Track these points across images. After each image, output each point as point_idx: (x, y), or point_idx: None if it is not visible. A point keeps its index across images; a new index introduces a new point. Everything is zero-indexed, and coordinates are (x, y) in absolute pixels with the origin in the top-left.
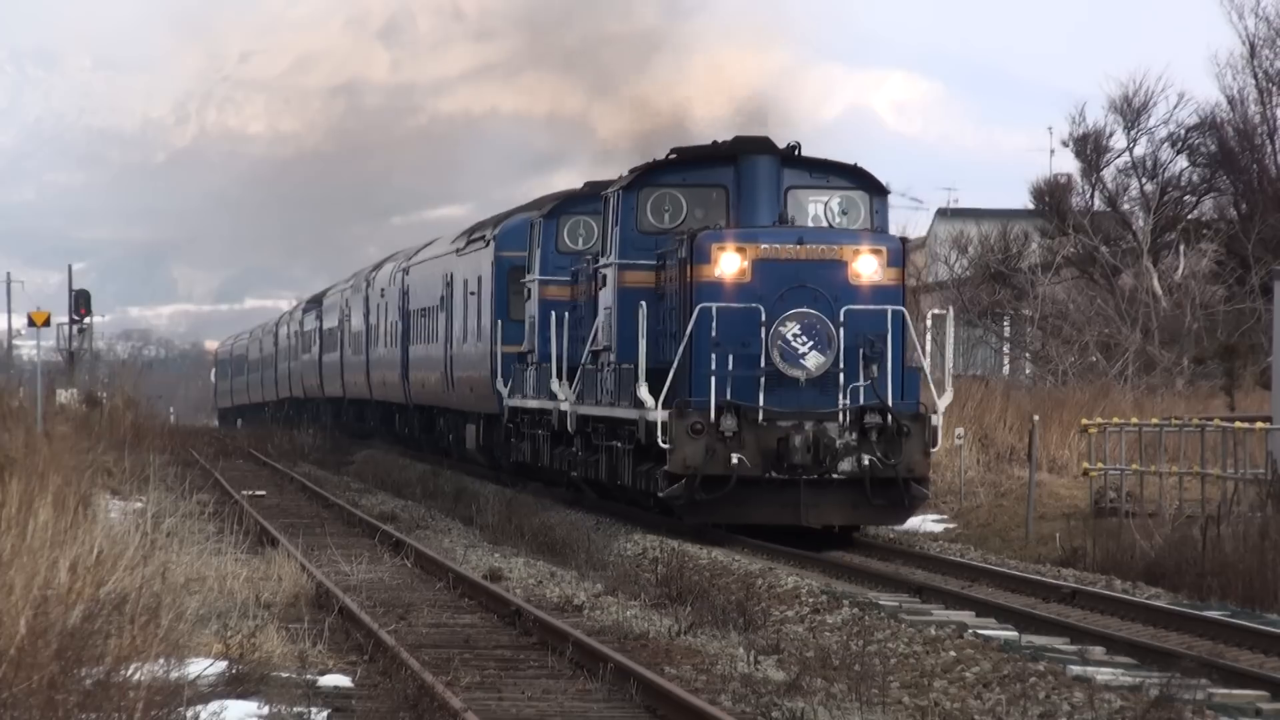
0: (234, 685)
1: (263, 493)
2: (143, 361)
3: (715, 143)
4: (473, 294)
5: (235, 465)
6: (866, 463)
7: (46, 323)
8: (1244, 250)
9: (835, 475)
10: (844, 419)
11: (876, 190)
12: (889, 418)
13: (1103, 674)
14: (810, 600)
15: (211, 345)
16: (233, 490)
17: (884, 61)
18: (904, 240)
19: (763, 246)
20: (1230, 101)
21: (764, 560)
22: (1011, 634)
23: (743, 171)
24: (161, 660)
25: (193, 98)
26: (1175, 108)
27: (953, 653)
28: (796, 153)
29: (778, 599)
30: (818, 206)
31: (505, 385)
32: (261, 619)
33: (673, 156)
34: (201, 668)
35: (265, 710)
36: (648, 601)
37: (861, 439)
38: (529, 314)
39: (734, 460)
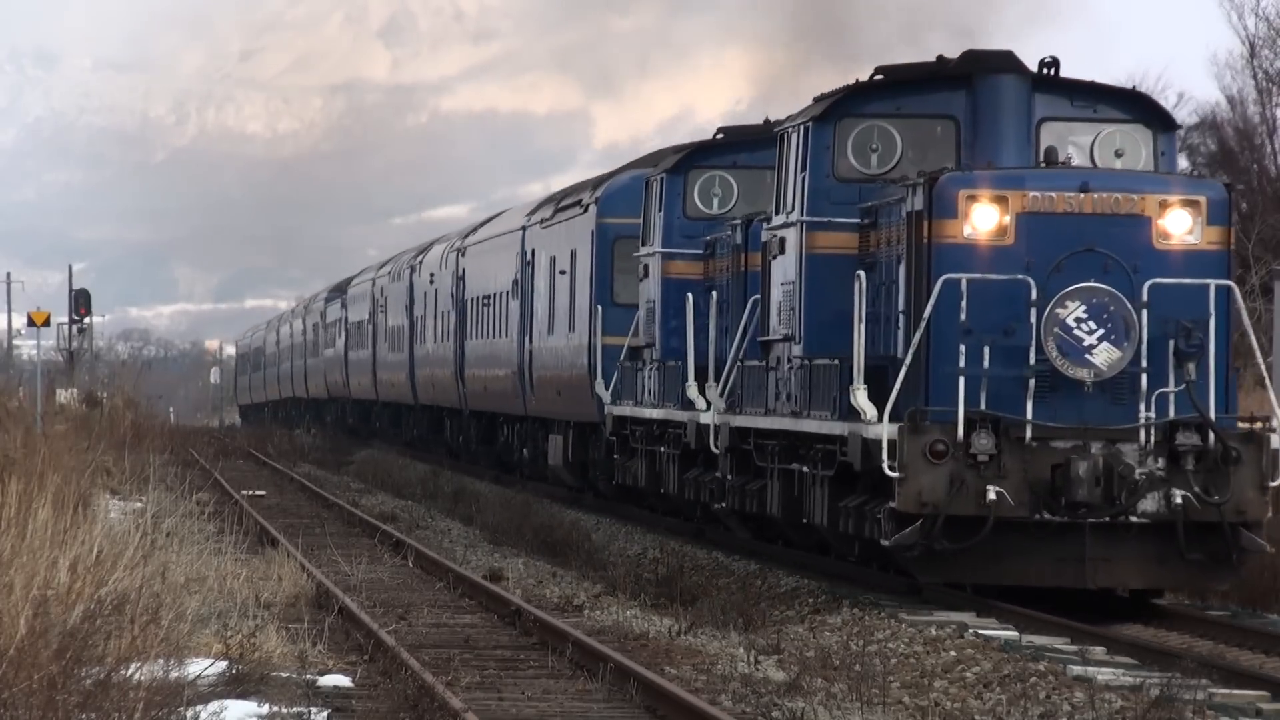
0: (234, 685)
1: (263, 493)
2: (142, 361)
3: (940, 58)
4: (562, 273)
5: (235, 465)
6: (1179, 501)
7: (46, 323)
8: (1244, 250)
9: (1134, 518)
10: (1147, 439)
11: (1163, 124)
12: (1212, 438)
13: (1103, 674)
14: (810, 600)
15: (211, 345)
16: (232, 490)
17: (884, 59)
18: (1229, 187)
19: (1031, 195)
20: (1230, 101)
21: (764, 560)
22: (1012, 634)
23: (980, 97)
24: (161, 660)
25: (192, 97)
26: (1174, 107)
27: (953, 653)
28: (1052, 73)
29: (778, 599)
30: (1082, 145)
31: (608, 388)
32: (261, 619)
33: (878, 79)
34: (201, 668)
35: (265, 710)
36: (648, 601)
37: (1172, 467)
38: (645, 297)
39: (990, 495)
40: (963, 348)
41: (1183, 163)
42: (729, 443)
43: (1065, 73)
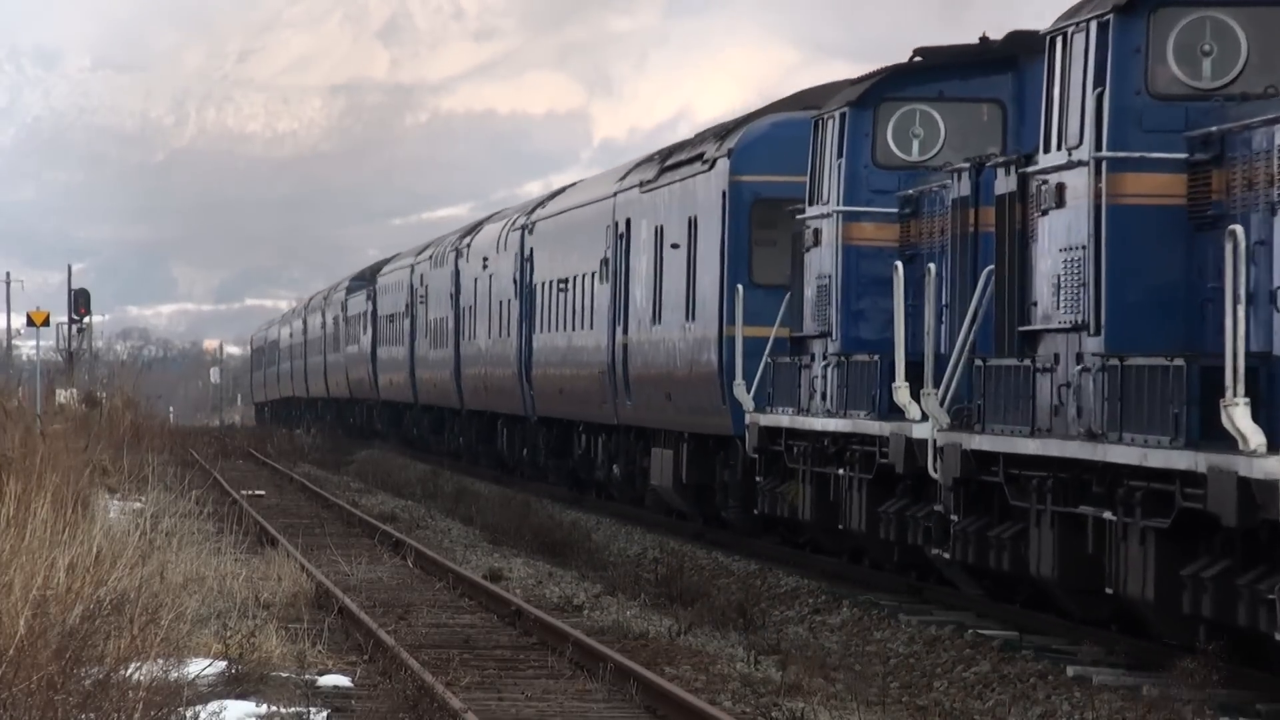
0: (233, 685)
1: (262, 493)
2: (142, 361)
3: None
4: (674, 248)
5: (235, 465)
6: None
7: (46, 322)
8: None
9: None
10: None
11: None
12: None
13: (1103, 674)
14: (810, 600)
15: (211, 345)
16: (232, 490)
17: (887, 59)
18: None
19: None
20: None
21: (764, 561)
22: (1012, 634)
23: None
24: (161, 660)
25: (192, 97)
26: None
27: (953, 653)
28: None
29: (778, 599)
30: None
31: (749, 390)
32: (261, 619)
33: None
34: (201, 668)
35: (264, 710)
36: (648, 601)
37: None
38: (813, 273)
39: None
40: None
41: None
42: (960, 471)
43: None
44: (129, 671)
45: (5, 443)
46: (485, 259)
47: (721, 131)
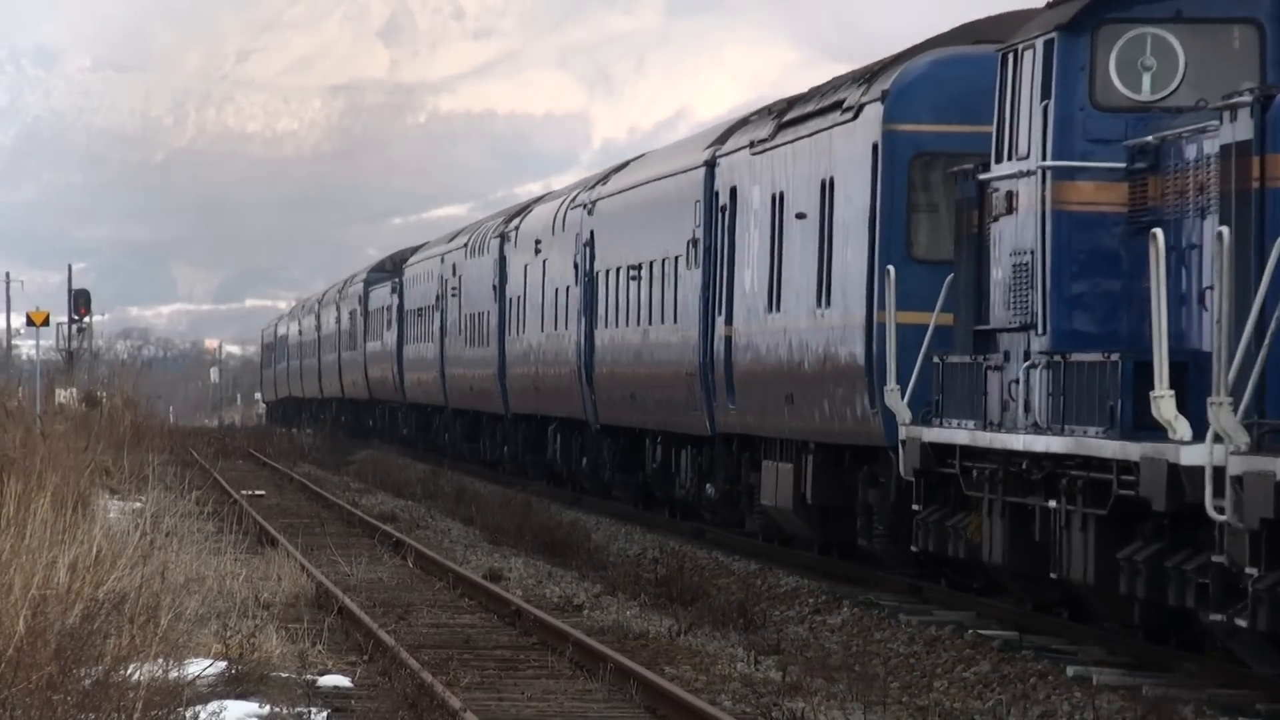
0: (233, 685)
1: (262, 493)
2: (142, 361)
3: None
4: (801, 218)
5: (235, 465)
6: None
7: (46, 322)
8: None
9: None
10: None
11: None
12: None
13: (1103, 675)
14: (810, 600)
15: (211, 344)
16: (232, 490)
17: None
18: None
19: None
20: None
21: (764, 560)
22: (1012, 634)
23: None
24: (160, 660)
25: (191, 97)
26: None
27: (953, 653)
28: None
29: (778, 599)
30: None
31: (904, 395)
32: (261, 619)
33: None
34: (201, 668)
35: (265, 710)
36: (648, 601)
37: None
38: (1006, 247)
39: None
40: None
41: None
42: (1274, 512)
43: None
44: (129, 671)
45: (5, 442)
46: (537, 243)
47: (864, 75)
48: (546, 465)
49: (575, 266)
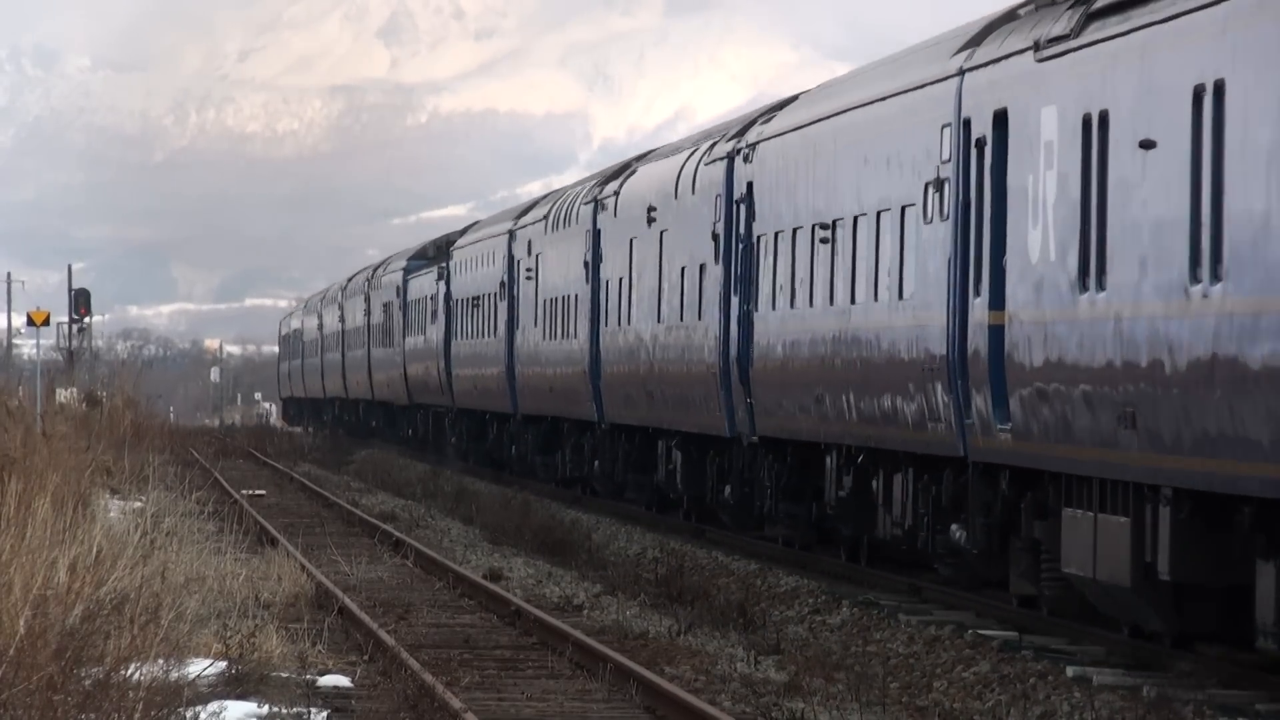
0: (233, 685)
1: (262, 492)
2: (142, 361)
3: None
4: (1147, 146)
5: (235, 465)
6: None
7: (46, 322)
8: None
9: None
10: None
11: None
12: None
13: (1102, 675)
14: (810, 600)
15: (211, 344)
16: (232, 490)
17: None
18: None
19: None
20: None
21: (763, 560)
22: (1011, 635)
23: None
24: (161, 660)
25: (191, 97)
26: None
27: (953, 653)
28: None
29: (778, 599)
30: None
31: None
32: (261, 619)
33: None
34: (201, 668)
35: (265, 710)
36: (648, 601)
37: None
38: None
39: None
40: None
41: None
42: None
43: None
44: (129, 672)
45: (6, 442)
46: (650, 210)
47: None
48: (656, 488)
49: (717, 236)
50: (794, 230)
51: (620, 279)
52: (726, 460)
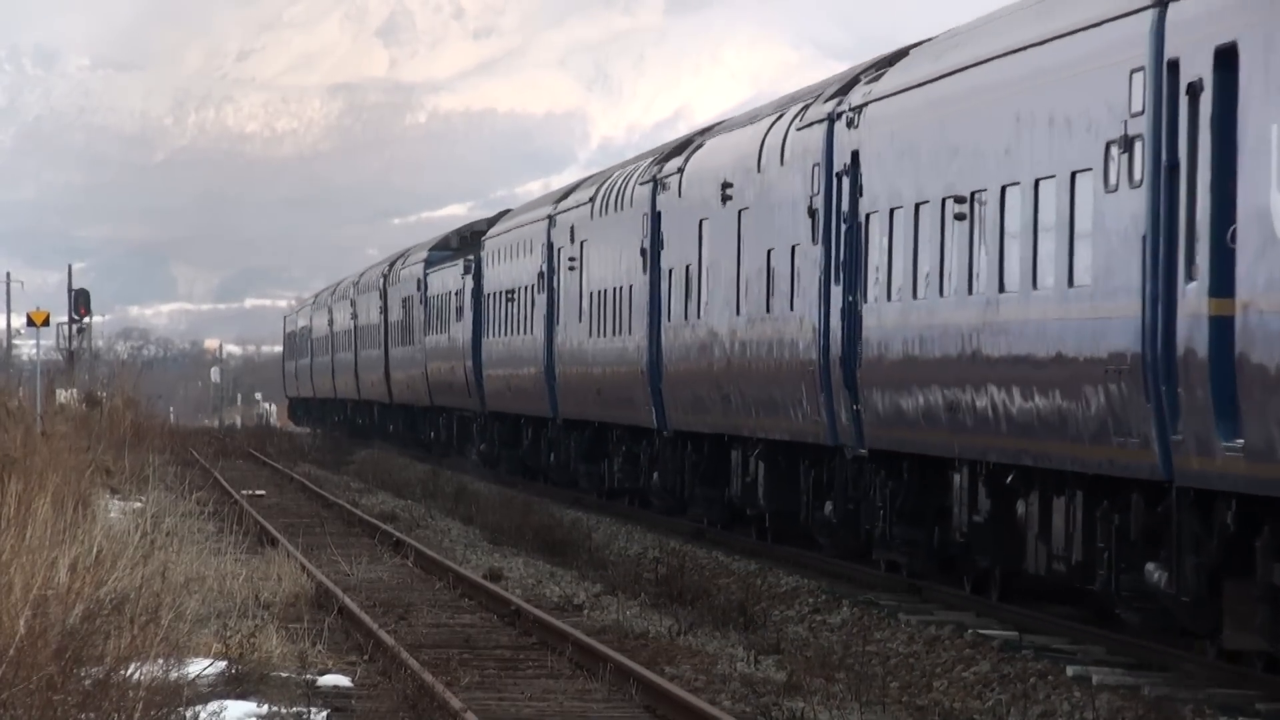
0: (233, 685)
1: (262, 492)
2: (142, 361)
3: None
4: None
5: (235, 465)
6: None
7: (46, 322)
8: None
9: None
10: None
11: None
12: None
13: (1102, 674)
14: (810, 600)
15: (211, 344)
16: (232, 490)
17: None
18: None
19: None
20: None
21: (763, 560)
22: (1012, 634)
23: None
24: (161, 660)
25: (191, 96)
26: None
27: (953, 652)
28: None
29: (778, 599)
30: None
31: None
32: (261, 619)
33: None
34: (201, 668)
35: (264, 710)
36: (648, 601)
37: None
38: None
39: None
40: None
41: None
42: None
43: None
44: (129, 671)
45: (6, 442)
46: (727, 187)
47: None
48: (728, 504)
49: (814, 213)
50: (916, 206)
51: (687, 266)
52: (823, 472)
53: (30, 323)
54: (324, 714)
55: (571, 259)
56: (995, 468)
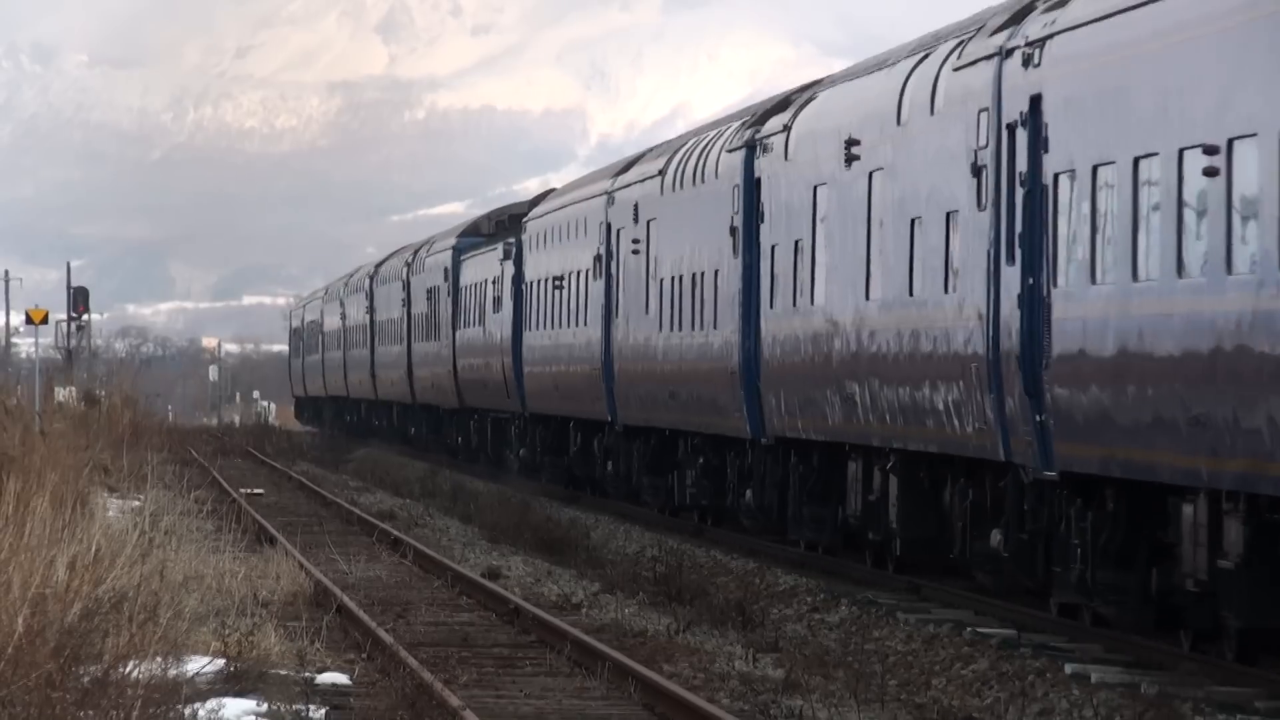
0: (232, 683)
1: (261, 491)
2: (140, 359)
3: None
4: None
5: (233, 464)
6: None
7: (44, 320)
8: None
9: None
10: None
11: None
12: None
13: (1101, 672)
14: (809, 598)
15: (209, 342)
16: (231, 489)
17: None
18: None
19: None
20: None
21: (762, 559)
22: (1010, 632)
23: None
24: (159, 658)
25: (189, 93)
26: None
27: (951, 651)
28: None
29: (776, 597)
30: None
31: None
32: (259, 617)
33: None
34: (199, 665)
35: (263, 708)
36: (646, 600)
37: None
38: None
39: None
40: None
41: None
42: None
43: None
44: (127, 669)
45: (5, 441)
46: (852, 145)
47: None
48: (841, 526)
49: (979, 171)
50: (1135, 162)
51: (796, 243)
52: (985, 494)
53: (29, 320)
54: (322, 712)
55: (635, 241)
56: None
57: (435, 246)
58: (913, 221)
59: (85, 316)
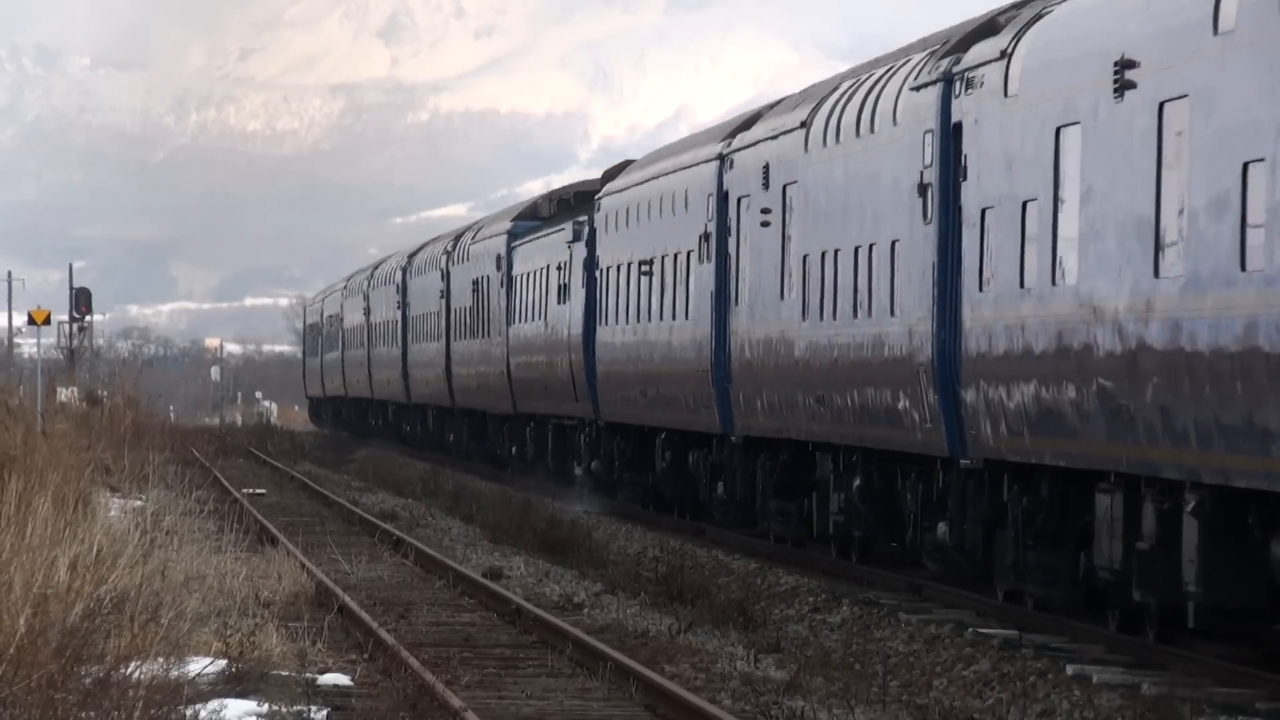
0: (233, 684)
1: (262, 491)
2: (142, 360)
3: None
4: None
5: (235, 464)
6: None
7: (47, 321)
8: None
9: None
10: None
11: None
12: None
13: (1102, 673)
14: (810, 599)
15: (212, 343)
16: (232, 489)
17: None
18: None
19: None
20: None
21: (764, 559)
22: (1012, 633)
23: None
24: (161, 659)
25: (192, 96)
26: None
27: (953, 651)
28: None
29: (778, 598)
30: None
31: None
32: (261, 617)
33: None
34: (201, 666)
35: (265, 709)
36: (648, 600)
37: None
38: None
39: None
40: None
41: None
42: None
43: None
44: (129, 670)
45: (7, 441)
46: (1126, 66)
47: None
48: (1085, 580)
49: None
50: None
51: (1024, 204)
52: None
53: (31, 321)
54: (324, 713)
55: (765, 211)
56: None
57: (483, 232)
58: (1244, 166)
59: (87, 317)
